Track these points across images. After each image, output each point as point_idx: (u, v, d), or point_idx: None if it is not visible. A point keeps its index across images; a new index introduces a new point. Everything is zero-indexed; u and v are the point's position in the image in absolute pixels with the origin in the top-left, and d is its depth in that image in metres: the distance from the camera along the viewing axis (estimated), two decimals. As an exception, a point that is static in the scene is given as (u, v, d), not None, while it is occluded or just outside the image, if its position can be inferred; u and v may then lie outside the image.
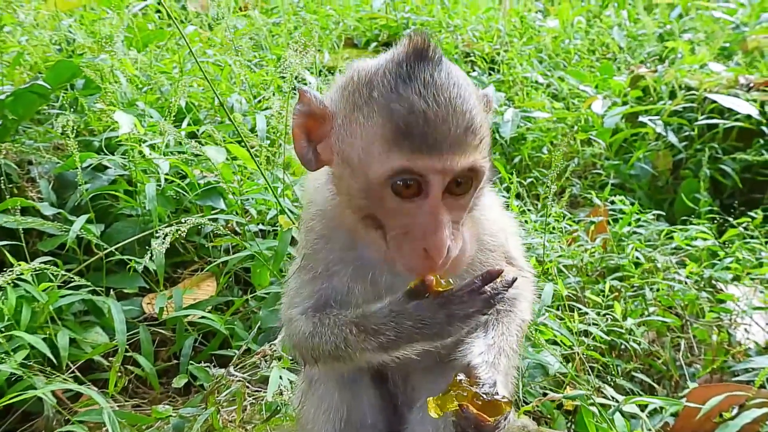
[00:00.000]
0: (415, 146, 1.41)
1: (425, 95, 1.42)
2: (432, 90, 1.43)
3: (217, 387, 2.43)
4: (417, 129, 1.41)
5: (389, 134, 1.43)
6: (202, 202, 3.34)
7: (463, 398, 1.50)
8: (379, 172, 1.44)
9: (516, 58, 6.11)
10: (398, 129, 1.42)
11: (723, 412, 2.51)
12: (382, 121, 1.44)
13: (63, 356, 2.58)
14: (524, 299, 1.82)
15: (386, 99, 1.45)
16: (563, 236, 3.68)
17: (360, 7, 7.64)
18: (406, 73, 1.45)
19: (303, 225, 1.83)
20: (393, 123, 1.42)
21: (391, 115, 1.43)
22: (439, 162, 1.42)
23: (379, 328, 1.57)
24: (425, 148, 1.41)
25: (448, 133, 1.42)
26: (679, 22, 7.42)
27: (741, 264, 3.50)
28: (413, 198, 1.45)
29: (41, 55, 4.60)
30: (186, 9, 6.64)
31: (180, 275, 3.42)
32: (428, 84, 1.44)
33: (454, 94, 1.45)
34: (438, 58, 1.49)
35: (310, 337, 1.70)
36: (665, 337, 3.22)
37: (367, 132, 1.47)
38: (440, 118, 1.42)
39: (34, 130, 3.90)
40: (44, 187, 3.43)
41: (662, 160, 4.86)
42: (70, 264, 3.05)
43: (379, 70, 1.50)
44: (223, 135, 3.43)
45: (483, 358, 1.59)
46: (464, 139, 1.44)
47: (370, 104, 1.47)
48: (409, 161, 1.42)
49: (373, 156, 1.45)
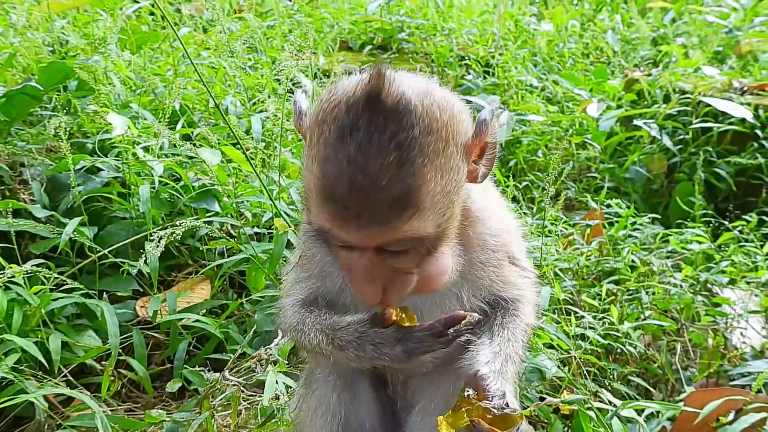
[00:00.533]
0: (336, 213, 1.38)
1: (356, 159, 1.34)
2: (366, 153, 1.34)
3: (211, 391, 2.40)
4: (340, 196, 1.36)
5: (319, 192, 1.39)
6: (196, 205, 3.32)
7: (473, 413, 1.50)
8: (313, 221, 1.46)
9: (511, 62, 6.11)
10: (325, 190, 1.38)
11: (720, 417, 2.51)
12: (317, 173, 1.39)
13: (55, 360, 2.55)
14: (527, 302, 1.82)
15: (324, 153, 1.38)
16: (559, 239, 3.67)
17: (355, 11, 7.62)
18: (349, 124, 1.36)
19: (302, 225, 1.85)
20: (323, 181, 1.38)
21: (323, 173, 1.38)
22: (356, 235, 1.39)
23: (344, 345, 1.61)
24: (345, 218, 1.37)
25: (371, 206, 1.35)
26: (673, 26, 7.45)
27: (736, 267, 3.50)
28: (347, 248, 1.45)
29: (34, 56, 4.56)
30: (180, 12, 6.61)
31: (174, 278, 3.40)
32: (364, 145, 1.34)
33: (390, 160, 1.34)
34: (391, 106, 1.37)
35: (294, 330, 1.77)
36: (661, 340, 3.21)
37: (309, 177, 1.44)
38: (365, 190, 1.34)
39: (27, 131, 3.87)
40: (36, 190, 3.40)
41: (657, 163, 4.86)
42: (63, 267, 3.02)
43: (334, 110, 1.41)
44: (217, 137, 3.41)
45: (490, 368, 1.59)
46: (389, 214, 1.36)
47: (316, 148, 1.41)
48: (330, 226, 1.41)
49: (311, 203, 1.45)
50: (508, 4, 7.90)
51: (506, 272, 1.79)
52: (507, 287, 1.79)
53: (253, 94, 4.33)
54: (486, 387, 1.54)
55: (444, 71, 6.26)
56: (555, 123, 5.23)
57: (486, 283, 1.75)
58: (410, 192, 1.36)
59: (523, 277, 1.84)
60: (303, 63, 3.28)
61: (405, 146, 1.35)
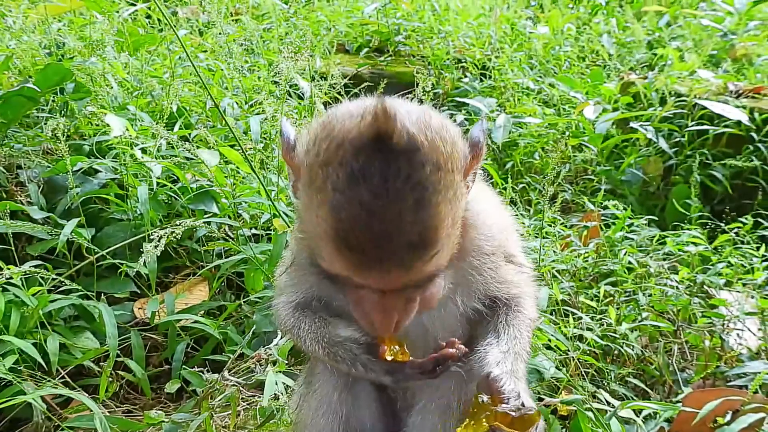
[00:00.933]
0: (355, 260, 1.35)
1: (373, 206, 1.30)
2: (381, 199, 1.30)
3: (210, 392, 2.40)
4: (359, 245, 1.33)
5: (333, 240, 1.35)
6: (194, 206, 3.32)
7: (492, 419, 1.50)
8: (327, 267, 1.44)
9: (507, 64, 6.12)
10: (342, 239, 1.34)
11: (717, 417, 2.51)
12: (329, 221, 1.35)
13: (53, 361, 2.54)
14: (528, 297, 1.82)
15: (335, 199, 1.33)
16: (556, 241, 3.68)
17: (351, 13, 7.63)
18: (359, 169, 1.31)
19: (295, 232, 1.86)
20: (338, 230, 1.34)
21: (336, 221, 1.33)
22: (380, 280, 1.38)
23: (338, 360, 1.67)
24: (367, 265, 1.35)
25: (393, 252, 1.33)
26: (668, 30, 7.47)
27: (733, 269, 3.51)
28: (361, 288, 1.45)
29: (30, 59, 4.56)
30: (176, 15, 6.61)
31: (172, 280, 3.39)
32: (379, 190, 1.30)
33: (408, 204, 1.31)
34: (402, 147, 1.32)
35: (290, 331, 1.81)
36: (658, 342, 3.22)
37: (318, 223, 1.38)
38: (386, 237, 1.31)
39: (23, 134, 3.86)
40: (33, 192, 3.40)
41: (653, 165, 4.88)
42: (60, 269, 3.02)
43: (338, 151, 1.35)
44: (215, 138, 3.41)
45: (501, 368, 1.59)
46: (410, 258, 1.35)
47: (323, 193, 1.35)
48: (352, 274, 1.39)
49: (323, 248, 1.41)
50: (504, 7, 7.93)
51: (503, 272, 1.78)
52: (504, 286, 1.78)
53: (250, 96, 4.33)
54: (500, 389, 1.53)
55: (441, 74, 6.27)
56: (551, 125, 5.25)
57: (481, 287, 1.75)
58: (429, 232, 1.34)
59: (521, 274, 1.83)
60: (300, 65, 3.28)
61: (420, 187, 1.32)
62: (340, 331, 1.69)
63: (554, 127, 5.26)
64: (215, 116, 4.11)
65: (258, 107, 4.08)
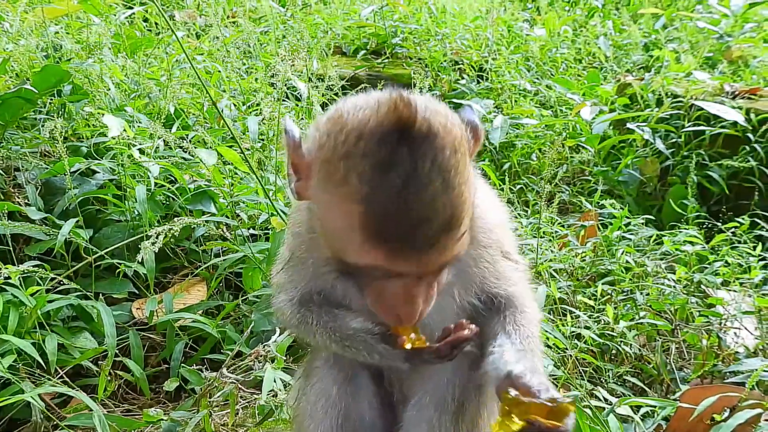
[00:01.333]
0: (391, 248, 1.34)
1: (405, 193, 1.30)
2: (413, 185, 1.31)
3: (209, 390, 2.40)
4: (396, 232, 1.33)
5: (365, 231, 1.34)
6: (192, 207, 3.32)
7: (526, 413, 1.46)
8: (355, 260, 1.41)
9: (504, 66, 6.15)
10: (375, 228, 1.33)
11: (715, 414, 2.52)
12: (358, 212, 1.33)
13: (51, 361, 2.54)
14: (527, 296, 1.82)
15: (363, 190, 1.32)
16: (554, 241, 3.69)
17: (348, 16, 7.66)
18: (386, 158, 1.31)
19: (290, 227, 1.85)
20: (369, 220, 1.33)
21: (368, 211, 1.32)
22: (417, 265, 1.38)
23: (354, 351, 1.66)
24: (403, 251, 1.35)
25: (428, 234, 1.34)
26: (664, 32, 7.50)
27: (730, 269, 3.53)
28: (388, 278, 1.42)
29: (27, 62, 4.56)
30: (174, 18, 6.62)
31: (170, 280, 3.39)
32: (410, 176, 1.31)
33: (438, 187, 1.33)
34: (424, 133, 1.34)
35: (296, 328, 1.81)
36: (656, 341, 3.22)
37: (343, 216, 1.37)
38: (420, 220, 1.32)
39: (21, 136, 3.86)
40: (31, 193, 3.40)
41: (650, 166, 4.89)
42: (58, 270, 3.01)
43: (359, 143, 1.34)
44: (213, 139, 3.42)
45: (523, 365, 1.56)
46: (445, 238, 1.36)
47: (346, 186, 1.34)
48: (386, 263, 1.37)
49: (349, 243, 1.38)
50: (500, 9, 7.95)
51: (499, 267, 1.78)
52: (501, 282, 1.77)
53: (247, 98, 4.34)
54: (528, 384, 1.50)
55: (438, 76, 6.29)
56: (549, 127, 5.27)
57: (478, 280, 1.74)
58: (458, 213, 1.36)
59: (517, 271, 1.83)
60: (297, 67, 3.29)
61: (444, 171, 1.33)
62: (351, 322, 1.68)
63: (551, 128, 5.28)
64: (212, 118, 4.12)
65: (255, 108, 4.09)
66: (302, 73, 4.25)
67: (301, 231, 1.75)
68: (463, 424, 1.76)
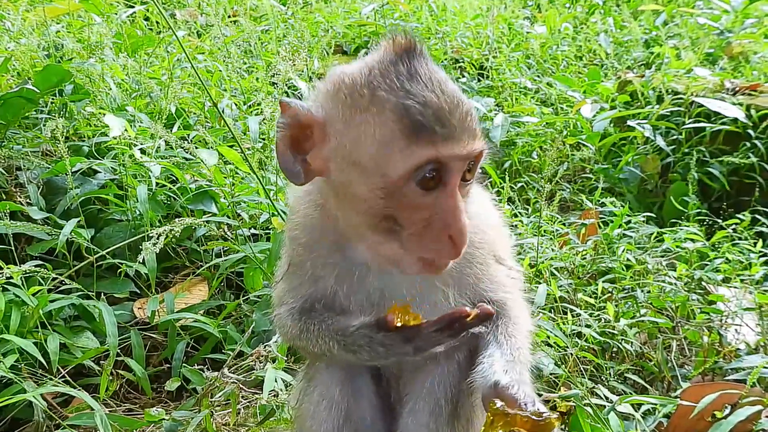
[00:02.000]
0: (438, 137, 1.44)
1: (432, 89, 1.47)
2: (435, 83, 1.48)
3: (210, 389, 2.41)
4: (436, 121, 1.44)
5: (408, 130, 1.44)
6: (193, 206, 3.33)
7: (511, 425, 1.47)
8: (402, 168, 1.45)
9: (505, 64, 6.15)
10: (417, 123, 1.44)
11: (716, 412, 2.52)
12: (396, 117, 1.45)
13: (53, 360, 2.54)
14: (521, 306, 1.83)
15: (396, 96, 1.46)
16: (555, 239, 3.69)
17: (349, 15, 7.65)
18: (406, 70, 1.49)
19: (287, 233, 1.86)
20: (410, 118, 1.44)
21: (407, 111, 1.44)
22: (462, 148, 1.47)
23: (356, 349, 1.64)
24: (448, 138, 1.45)
25: (463, 120, 1.48)
26: (665, 29, 7.49)
27: (730, 265, 3.53)
28: (433, 190, 1.48)
29: (29, 61, 4.57)
30: (174, 17, 6.62)
31: (171, 280, 3.40)
32: (431, 78, 1.48)
33: (451, 85, 1.51)
34: (425, 53, 1.54)
35: (298, 338, 1.79)
36: (657, 338, 3.23)
37: (380, 131, 1.46)
38: (452, 108, 1.46)
39: (22, 135, 3.87)
40: (33, 193, 3.41)
41: (651, 163, 4.89)
42: (60, 270, 3.02)
43: (373, 71, 1.51)
44: (214, 139, 3.42)
45: (511, 377, 1.57)
46: (474, 125, 1.51)
47: (376, 104, 1.47)
48: (436, 151, 1.44)
49: (392, 153, 1.46)
50: (501, 7, 7.95)
51: (492, 271, 1.79)
52: (495, 287, 1.79)
53: (248, 97, 4.35)
54: (514, 395, 1.51)
55: (438, 73, 6.27)
56: (549, 124, 5.26)
57: (471, 281, 1.75)
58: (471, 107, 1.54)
59: (511, 279, 1.84)
60: (298, 66, 3.29)
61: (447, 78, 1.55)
62: (351, 322, 1.67)
63: (552, 126, 5.28)
64: (214, 117, 4.12)
65: (256, 108, 4.10)
66: (303, 72, 4.25)
67: (297, 234, 1.77)
68: (459, 425, 1.77)
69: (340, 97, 1.53)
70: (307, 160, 1.58)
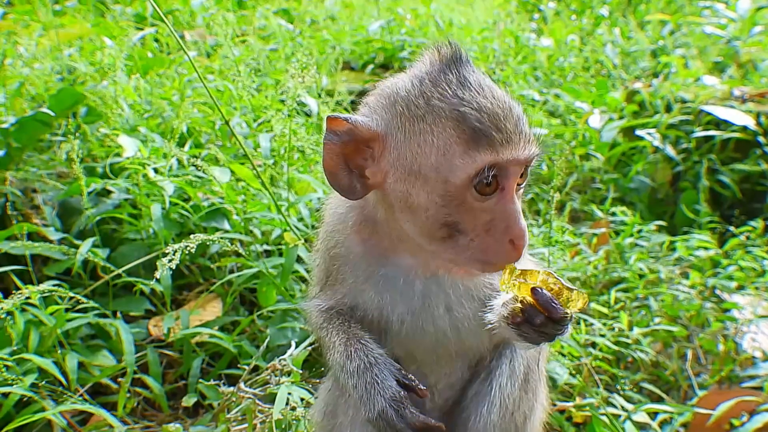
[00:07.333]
0: (496, 142, 1.48)
1: (484, 95, 1.51)
2: (486, 89, 1.53)
3: (226, 404, 2.42)
4: (493, 126, 1.48)
5: (467, 136, 1.48)
6: (206, 224, 3.36)
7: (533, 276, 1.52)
8: (463, 173, 1.49)
9: (512, 77, 6.18)
10: (475, 129, 1.48)
11: (733, 419, 2.51)
12: (454, 124, 1.49)
13: (72, 378, 2.57)
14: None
15: (451, 104, 1.50)
16: (566, 249, 3.69)
17: (356, 32, 7.72)
18: (455, 78, 1.53)
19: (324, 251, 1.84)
20: (468, 125, 1.48)
21: (464, 118, 1.49)
22: (520, 152, 1.51)
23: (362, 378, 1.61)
24: (506, 142, 1.49)
25: (518, 125, 1.51)
26: (671, 38, 7.51)
27: (744, 273, 3.52)
28: (492, 195, 1.51)
29: (43, 85, 4.64)
30: (184, 38, 6.70)
31: (185, 297, 3.43)
32: (482, 85, 1.53)
33: (500, 90, 1.56)
34: (470, 61, 1.58)
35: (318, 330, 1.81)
36: (671, 347, 3.22)
37: (440, 139, 1.51)
38: (506, 114, 1.51)
39: (38, 158, 3.93)
40: (49, 214, 3.45)
41: (661, 172, 4.89)
42: (76, 289, 3.06)
43: (425, 82, 1.55)
44: (226, 157, 3.46)
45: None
46: (528, 129, 1.54)
47: (433, 113, 1.51)
48: (495, 156, 1.48)
49: (452, 160, 1.50)
50: (507, 21, 8.00)
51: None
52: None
53: (258, 115, 4.39)
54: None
55: (446, 88, 6.31)
56: (558, 136, 5.28)
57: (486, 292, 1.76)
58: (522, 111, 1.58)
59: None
60: (307, 83, 3.33)
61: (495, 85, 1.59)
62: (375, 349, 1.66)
63: (560, 137, 5.29)
64: (225, 135, 4.17)
65: (267, 125, 4.14)
66: (312, 89, 4.29)
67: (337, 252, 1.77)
68: None
69: (397, 110, 1.57)
70: (365, 175, 1.60)
